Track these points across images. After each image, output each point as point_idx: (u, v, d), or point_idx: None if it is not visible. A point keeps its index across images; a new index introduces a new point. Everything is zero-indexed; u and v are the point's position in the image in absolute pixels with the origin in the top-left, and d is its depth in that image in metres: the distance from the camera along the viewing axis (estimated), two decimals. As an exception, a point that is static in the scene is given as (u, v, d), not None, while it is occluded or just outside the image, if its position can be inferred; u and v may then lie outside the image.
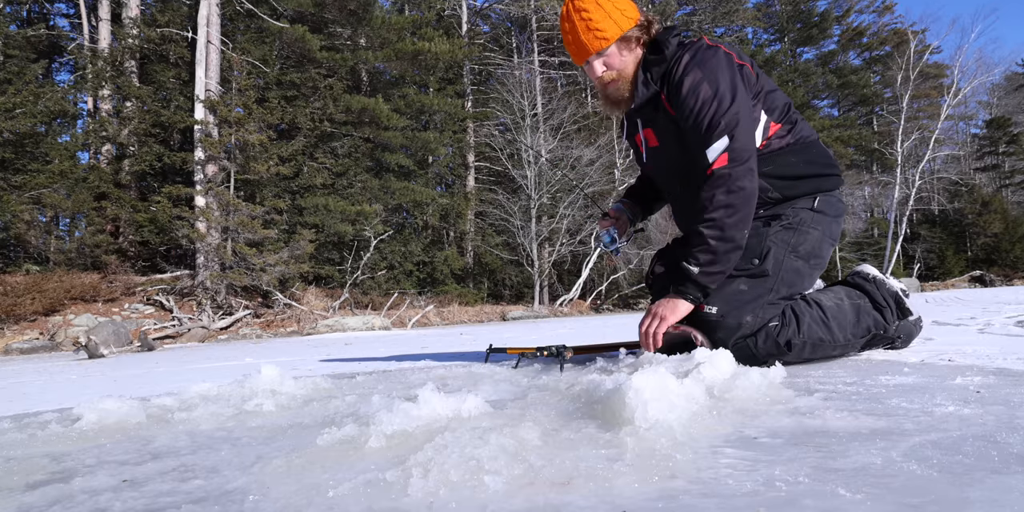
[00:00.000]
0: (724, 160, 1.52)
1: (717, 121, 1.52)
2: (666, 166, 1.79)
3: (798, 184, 1.67)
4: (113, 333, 6.71)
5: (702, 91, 1.54)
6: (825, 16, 29.00)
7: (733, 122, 1.52)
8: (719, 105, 1.52)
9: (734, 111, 1.53)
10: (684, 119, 1.58)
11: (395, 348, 3.96)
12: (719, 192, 1.52)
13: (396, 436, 0.93)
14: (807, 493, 0.62)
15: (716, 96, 1.53)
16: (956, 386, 1.15)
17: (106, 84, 12.46)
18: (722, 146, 1.51)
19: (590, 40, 1.61)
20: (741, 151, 1.52)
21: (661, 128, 1.71)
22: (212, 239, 10.68)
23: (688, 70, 1.57)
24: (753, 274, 1.59)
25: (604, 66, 1.65)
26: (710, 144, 1.53)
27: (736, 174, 1.51)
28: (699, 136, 1.55)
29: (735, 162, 1.51)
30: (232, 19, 13.47)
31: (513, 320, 11.97)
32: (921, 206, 25.23)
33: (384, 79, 17.26)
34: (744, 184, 1.51)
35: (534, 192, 16.36)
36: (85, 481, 0.84)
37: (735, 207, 1.51)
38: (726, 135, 1.51)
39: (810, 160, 1.70)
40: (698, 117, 1.54)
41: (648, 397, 0.93)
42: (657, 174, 1.90)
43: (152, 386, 2.30)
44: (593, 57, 1.64)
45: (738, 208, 1.51)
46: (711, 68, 1.56)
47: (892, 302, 1.67)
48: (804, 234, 1.64)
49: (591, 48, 1.62)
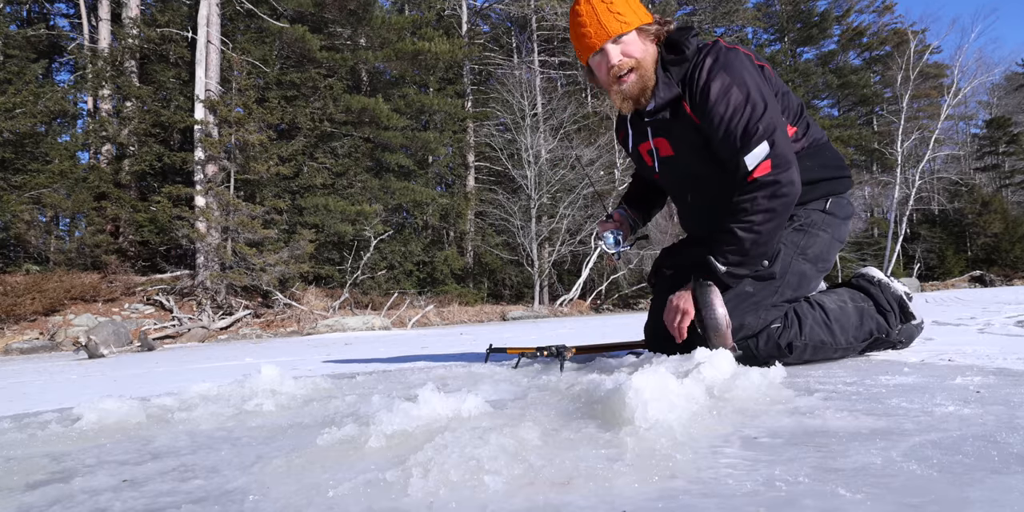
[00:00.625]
0: (767, 166, 1.46)
1: (755, 127, 1.47)
2: (681, 176, 1.73)
3: (813, 189, 1.64)
4: (113, 333, 6.71)
5: (733, 97, 1.48)
6: (825, 16, 28.99)
7: (771, 127, 1.47)
8: (753, 110, 1.47)
9: (770, 116, 1.48)
10: (715, 127, 1.51)
11: (395, 348, 3.96)
12: (762, 196, 1.46)
13: (396, 436, 0.93)
14: (807, 493, 0.62)
15: (748, 101, 1.48)
16: (956, 386, 1.15)
17: (106, 84, 12.46)
18: (763, 152, 1.46)
19: (610, 21, 1.52)
20: (784, 156, 1.48)
21: (677, 137, 1.63)
22: (212, 239, 10.68)
23: (714, 75, 1.50)
24: (761, 277, 1.58)
25: (622, 54, 1.55)
26: (749, 150, 1.47)
27: (783, 180, 1.46)
28: (734, 143, 1.48)
29: (779, 168, 1.47)
30: (232, 19, 13.47)
31: (513, 320, 11.97)
32: (921, 206, 25.23)
33: (384, 79, 17.25)
34: (789, 190, 1.48)
35: (534, 192, 16.36)
36: (85, 481, 0.84)
37: (776, 213, 1.47)
38: (766, 141, 1.46)
39: (824, 164, 1.68)
40: (731, 123, 1.48)
41: (648, 397, 0.93)
42: (669, 184, 1.83)
43: (152, 386, 2.30)
44: (610, 43, 1.54)
45: (779, 214, 1.48)
46: (737, 71, 1.50)
47: (896, 306, 1.67)
48: (814, 236, 1.63)
49: (611, 29, 1.52)
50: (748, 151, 1.47)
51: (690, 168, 1.67)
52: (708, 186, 1.67)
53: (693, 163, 1.65)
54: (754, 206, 1.47)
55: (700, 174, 1.66)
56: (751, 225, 1.47)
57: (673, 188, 1.84)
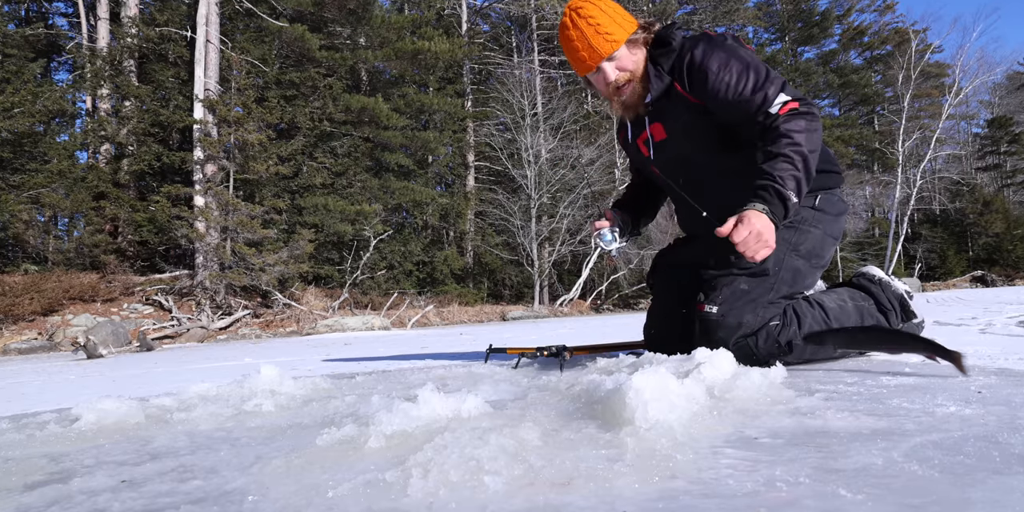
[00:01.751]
0: (795, 103, 1.49)
1: (766, 83, 1.52)
2: (672, 158, 1.76)
3: None
4: (112, 333, 6.71)
5: (733, 66, 1.54)
6: (826, 15, 28.98)
7: (780, 82, 1.53)
8: (757, 73, 1.53)
9: (775, 75, 1.54)
10: (726, 96, 1.55)
11: (395, 348, 3.96)
12: (799, 120, 1.47)
13: (396, 436, 0.93)
14: (808, 494, 0.62)
15: (751, 67, 1.53)
16: (957, 386, 1.15)
17: (105, 83, 12.45)
18: (784, 98, 1.50)
19: (601, 43, 1.59)
20: (804, 100, 1.52)
21: (672, 118, 1.69)
22: (211, 239, 10.67)
23: (709, 53, 1.56)
24: (754, 273, 1.58)
25: (617, 70, 1.64)
26: (770, 101, 1.50)
27: (813, 111, 1.50)
28: (751, 101, 1.52)
29: (806, 103, 1.50)
30: (231, 18, 13.46)
31: (513, 320, 11.97)
32: (922, 206, 25.24)
33: (384, 78, 17.24)
34: (818, 120, 1.50)
35: (534, 192, 16.36)
36: (83, 481, 0.84)
37: (816, 134, 1.48)
38: (782, 92, 1.51)
39: None
40: (741, 86, 1.53)
41: (648, 397, 0.93)
42: (662, 168, 1.84)
43: (151, 386, 2.29)
44: (605, 61, 1.63)
45: (816, 139, 1.49)
46: (731, 48, 1.57)
47: (897, 305, 1.67)
48: (805, 233, 1.63)
49: (603, 51, 1.60)
50: (770, 102, 1.51)
51: (682, 150, 1.72)
52: (698, 168, 1.72)
53: (684, 145, 1.70)
54: (794, 129, 1.46)
55: (690, 156, 1.71)
56: (799, 147, 1.45)
57: (667, 172, 1.85)
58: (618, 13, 1.63)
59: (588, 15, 1.59)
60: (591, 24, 1.59)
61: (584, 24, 1.59)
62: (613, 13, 1.62)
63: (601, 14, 1.60)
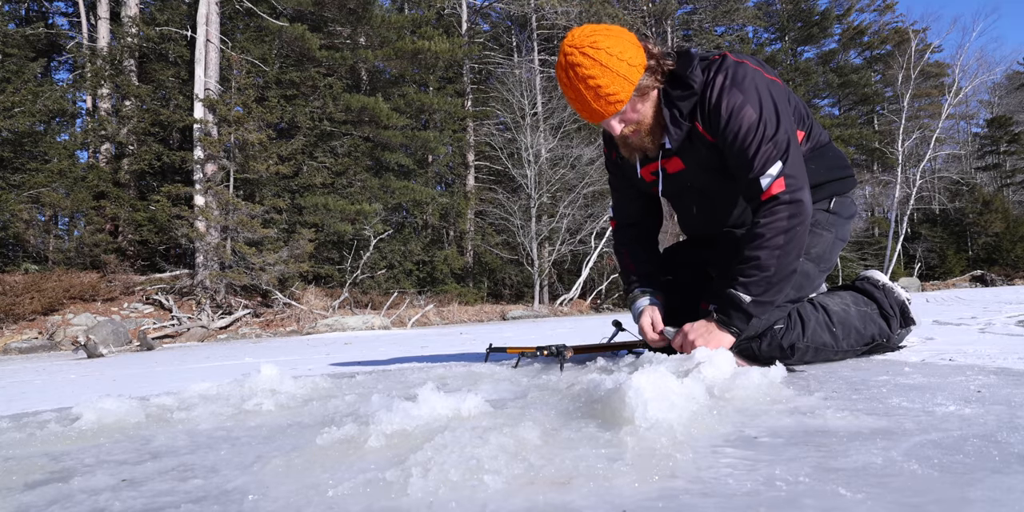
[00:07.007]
0: (781, 185, 1.44)
1: (768, 147, 1.45)
2: (685, 187, 1.71)
3: (819, 190, 1.63)
4: (112, 332, 6.71)
5: (745, 116, 1.46)
6: (826, 15, 28.97)
7: (784, 145, 1.45)
8: (766, 129, 1.45)
9: (783, 132, 1.46)
10: (728, 145, 1.49)
11: (395, 347, 3.96)
12: (779, 218, 1.43)
13: (396, 435, 0.93)
14: (807, 493, 0.62)
15: (762, 119, 1.45)
16: (957, 386, 1.15)
17: (105, 83, 12.44)
18: (776, 171, 1.44)
19: (603, 106, 1.47)
20: (796, 175, 1.46)
21: (690, 153, 1.61)
22: (211, 238, 10.67)
23: (724, 93, 1.47)
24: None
25: (622, 123, 1.54)
26: (765, 170, 1.45)
27: (796, 198, 1.44)
28: (747, 162, 1.47)
29: (792, 187, 1.44)
30: (231, 18, 13.46)
31: (513, 319, 11.97)
32: (922, 205, 25.26)
33: (384, 78, 17.23)
34: (803, 210, 1.45)
35: (534, 191, 16.35)
36: (84, 481, 0.84)
37: (796, 232, 1.44)
38: (779, 160, 1.44)
39: (829, 166, 1.68)
40: (745, 143, 1.46)
41: (648, 396, 0.93)
42: (670, 195, 1.79)
43: (151, 385, 2.29)
44: (608, 119, 1.52)
45: (798, 233, 1.44)
46: (748, 88, 1.47)
47: (898, 311, 1.68)
48: (818, 236, 1.62)
49: (605, 113, 1.49)
50: (764, 171, 1.45)
51: (696, 181, 1.66)
52: (715, 199, 1.70)
53: (699, 176, 1.64)
54: (773, 228, 1.43)
55: (708, 189, 1.67)
56: (772, 249, 1.43)
57: (674, 198, 1.80)
58: (623, 58, 1.43)
59: (587, 76, 1.41)
60: (590, 87, 1.43)
61: (583, 87, 1.44)
62: (616, 64, 1.41)
63: (602, 72, 1.41)
